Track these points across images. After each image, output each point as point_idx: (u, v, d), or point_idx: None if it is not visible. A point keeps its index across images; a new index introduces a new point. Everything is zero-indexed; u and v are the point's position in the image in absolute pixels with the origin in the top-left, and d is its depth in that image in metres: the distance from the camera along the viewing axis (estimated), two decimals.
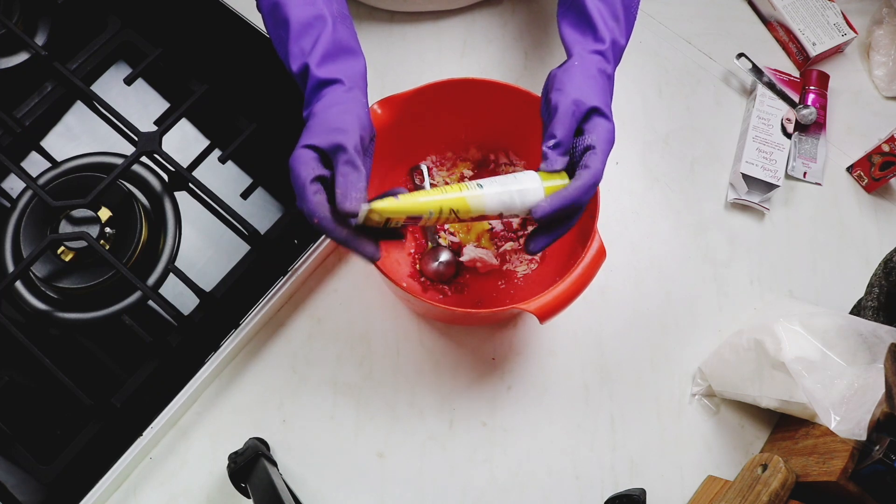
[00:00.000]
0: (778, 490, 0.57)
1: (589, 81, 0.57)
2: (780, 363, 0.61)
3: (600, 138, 0.55)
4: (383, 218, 0.51)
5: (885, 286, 0.65)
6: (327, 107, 0.54)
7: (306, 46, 0.56)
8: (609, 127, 0.56)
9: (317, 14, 0.56)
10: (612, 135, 0.56)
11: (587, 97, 0.56)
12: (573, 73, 0.57)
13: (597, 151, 0.54)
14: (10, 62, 0.75)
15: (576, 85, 0.56)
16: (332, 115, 0.53)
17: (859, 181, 0.80)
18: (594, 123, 0.55)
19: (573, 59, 0.59)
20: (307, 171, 0.52)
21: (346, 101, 0.54)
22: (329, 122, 0.53)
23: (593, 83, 0.57)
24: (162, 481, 0.65)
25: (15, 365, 0.66)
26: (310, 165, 0.52)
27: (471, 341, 0.71)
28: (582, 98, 0.55)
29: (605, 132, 0.55)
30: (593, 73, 0.57)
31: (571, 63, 0.58)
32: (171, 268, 0.67)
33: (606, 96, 0.57)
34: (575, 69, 0.57)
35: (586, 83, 0.56)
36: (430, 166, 0.73)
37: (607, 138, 0.55)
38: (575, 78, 0.57)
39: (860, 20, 0.86)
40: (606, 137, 0.55)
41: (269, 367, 0.69)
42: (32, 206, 0.69)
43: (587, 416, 0.69)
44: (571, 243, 0.67)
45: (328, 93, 0.55)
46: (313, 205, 0.51)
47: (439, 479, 0.66)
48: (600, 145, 0.55)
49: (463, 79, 0.66)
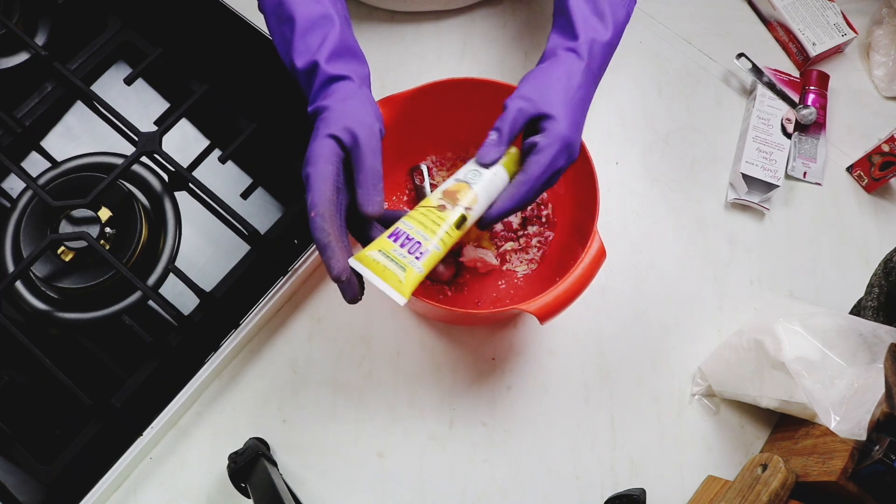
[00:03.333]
0: (778, 490, 0.57)
1: (549, 80, 0.56)
2: (780, 363, 0.61)
3: (547, 139, 0.55)
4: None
5: (885, 286, 0.65)
6: (343, 99, 0.53)
7: (313, 44, 0.55)
8: (559, 127, 0.55)
9: (324, 13, 0.56)
10: (561, 135, 0.55)
11: (542, 97, 0.55)
12: (535, 73, 0.57)
13: (538, 153, 0.54)
14: (10, 62, 0.75)
15: (532, 83, 0.56)
16: (349, 107, 0.53)
17: (859, 181, 0.80)
18: (547, 122, 0.55)
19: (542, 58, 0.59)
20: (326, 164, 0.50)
21: (359, 97, 0.54)
22: (347, 114, 0.52)
23: (554, 82, 0.56)
24: (162, 481, 0.65)
25: (15, 365, 0.66)
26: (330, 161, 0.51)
27: (471, 341, 0.71)
28: (533, 96, 0.55)
29: (552, 132, 0.55)
30: (557, 73, 0.57)
31: (540, 64, 0.58)
32: (171, 268, 0.67)
33: (567, 95, 0.56)
34: (541, 69, 0.58)
35: (546, 82, 0.56)
36: (430, 166, 0.73)
37: (554, 138, 0.55)
38: (534, 77, 0.57)
39: (860, 20, 0.86)
40: (554, 137, 0.55)
41: (269, 367, 0.69)
42: (32, 206, 0.69)
43: (587, 416, 0.69)
44: (571, 243, 0.67)
45: (340, 87, 0.54)
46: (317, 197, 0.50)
47: (439, 479, 0.66)
48: (545, 145, 0.54)
49: (463, 79, 0.66)
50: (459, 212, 0.53)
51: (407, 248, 0.51)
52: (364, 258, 0.50)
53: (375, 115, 0.53)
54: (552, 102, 0.55)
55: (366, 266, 0.50)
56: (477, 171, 0.55)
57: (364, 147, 0.51)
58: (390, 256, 0.50)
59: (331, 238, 0.50)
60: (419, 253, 0.51)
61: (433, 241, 0.51)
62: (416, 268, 0.50)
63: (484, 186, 0.54)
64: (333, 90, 0.54)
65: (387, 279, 0.49)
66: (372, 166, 0.51)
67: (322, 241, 0.50)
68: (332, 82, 0.54)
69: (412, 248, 0.51)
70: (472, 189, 0.54)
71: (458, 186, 0.54)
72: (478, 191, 0.54)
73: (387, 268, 0.50)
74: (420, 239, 0.51)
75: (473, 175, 0.55)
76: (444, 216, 0.52)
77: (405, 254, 0.51)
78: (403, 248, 0.51)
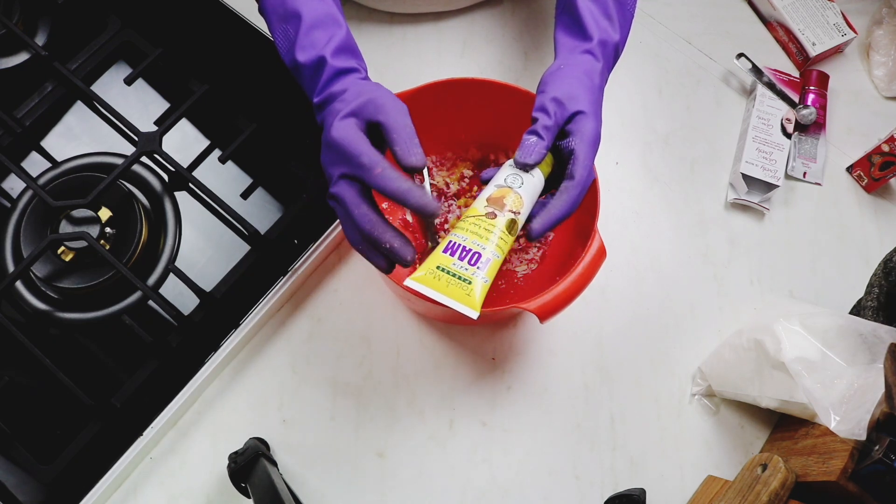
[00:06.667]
0: (778, 490, 0.57)
1: (573, 82, 0.56)
2: (780, 363, 0.61)
3: (584, 140, 0.54)
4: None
5: (885, 286, 0.65)
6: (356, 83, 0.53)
7: (320, 40, 0.55)
8: (593, 126, 0.55)
9: (330, 12, 0.57)
10: (596, 134, 0.55)
11: (570, 98, 0.55)
12: (557, 75, 0.57)
13: (579, 157, 0.54)
14: (10, 62, 0.75)
15: (558, 85, 0.56)
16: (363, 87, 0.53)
17: (859, 181, 0.80)
18: (578, 124, 0.55)
19: (559, 60, 0.59)
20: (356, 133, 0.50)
21: (371, 82, 0.55)
22: (363, 92, 0.52)
23: (577, 83, 0.57)
24: (162, 481, 0.65)
25: (15, 365, 0.66)
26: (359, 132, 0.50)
27: (471, 341, 0.71)
28: (563, 98, 0.55)
29: (588, 133, 0.55)
30: (578, 74, 0.57)
31: (557, 65, 0.58)
32: (171, 268, 0.67)
33: (592, 95, 0.57)
34: (560, 71, 0.58)
35: (570, 84, 0.56)
36: (431, 166, 0.73)
37: (591, 139, 0.55)
38: (559, 79, 0.57)
39: (860, 20, 0.86)
40: (590, 139, 0.55)
41: (269, 367, 0.69)
42: (32, 206, 0.69)
43: (587, 416, 0.69)
44: (571, 243, 0.67)
45: (350, 77, 0.54)
46: (374, 155, 0.49)
47: (439, 479, 0.66)
48: (583, 149, 0.54)
49: (463, 78, 0.66)
50: (509, 217, 0.52)
51: (466, 259, 0.50)
52: (425, 279, 0.50)
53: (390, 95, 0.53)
54: (582, 102, 0.56)
55: (428, 286, 0.49)
56: (516, 175, 0.54)
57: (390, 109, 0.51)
58: (451, 271, 0.50)
59: (408, 183, 0.49)
60: (480, 263, 0.50)
61: (490, 248, 0.51)
62: (480, 278, 0.50)
63: (527, 189, 0.54)
64: (343, 80, 0.54)
65: (453, 295, 0.49)
66: (404, 123, 0.50)
67: (402, 187, 0.49)
68: (341, 74, 0.55)
69: (472, 260, 0.50)
70: (515, 192, 0.54)
71: (502, 192, 0.54)
72: (522, 193, 0.54)
73: (450, 283, 0.49)
74: (477, 249, 0.51)
75: (513, 179, 0.54)
76: (495, 223, 0.52)
77: (466, 266, 0.50)
78: (462, 260, 0.50)
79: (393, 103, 0.51)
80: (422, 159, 0.50)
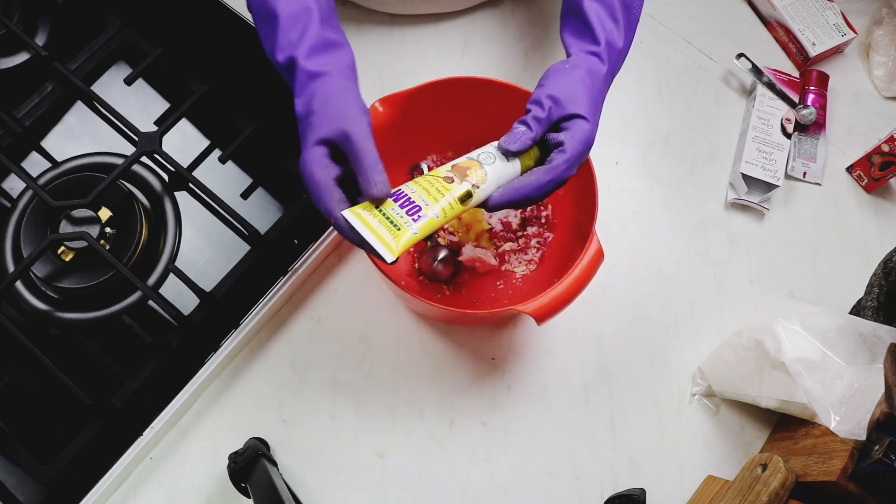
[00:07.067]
0: (778, 490, 0.57)
1: (575, 82, 0.56)
2: (780, 363, 0.61)
3: (574, 138, 0.54)
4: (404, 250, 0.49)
5: (885, 286, 0.65)
6: (325, 98, 0.53)
7: (293, 38, 0.55)
8: (586, 128, 0.55)
9: (304, 6, 0.56)
10: (590, 137, 0.55)
11: (569, 98, 0.55)
12: (560, 72, 0.57)
13: (565, 150, 0.54)
14: (10, 62, 0.75)
15: (559, 83, 0.56)
16: (332, 105, 0.53)
17: (859, 181, 0.80)
18: (572, 123, 0.55)
19: (567, 59, 0.59)
20: (322, 171, 0.51)
21: (341, 91, 0.54)
22: (331, 113, 0.52)
23: (579, 84, 0.56)
24: (162, 481, 0.65)
25: (15, 365, 0.66)
26: (322, 164, 0.51)
27: (471, 341, 0.71)
28: (561, 96, 0.55)
29: (579, 133, 0.55)
30: (581, 75, 0.57)
31: (563, 63, 0.58)
32: (171, 268, 0.67)
33: (592, 97, 0.57)
34: (564, 69, 0.57)
35: (572, 83, 0.56)
36: (431, 165, 0.73)
37: (581, 139, 0.55)
38: (561, 77, 0.57)
39: (860, 20, 0.86)
40: (581, 139, 0.54)
41: (269, 367, 0.69)
42: (33, 206, 0.69)
43: (587, 416, 0.69)
44: (571, 244, 0.67)
45: (321, 84, 0.54)
46: (332, 203, 0.50)
47: (439, 479, 0.66)
48: (572, 144, 0.54)
49: (464, 77, 0.66)
50: (466, 187, 0.52)
51: (406, 209, 0.50)
52: (359, 214, 0.49)
53: (360, 108, 0.53)
54: (581, 103, 0.55)
55: (359, 220, 0.49)
56: (491, 155, 0.54)
57: (354, 137, 0.51)
58: (387, 214, 0.50)
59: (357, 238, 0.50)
60: (417, 216, 0.50)
61: (434, 207, 0.50)
62: (411, 229, 0.49)
63: (496, 170, 0.54)
64: (314, 89, 0.54)
65: (377, 234, 0.48)
66: (366, 150, 0.51)
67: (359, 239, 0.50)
68: (313, 79, 0.54)
69: (411, 210, 0.50)
70: (483, 168, 0.53)
71: (470, 164, 0.54)
72: (488, 171, 0.53)
73: (381, 224, 0.49)
74: (421, 203, 0.50)
75: (487, 157, 0.54)
76: (450, 188, 0.52)
77: (403, 214, 0.50)
78: (402, 208, 0.50)
79: (357, 127, 0.51)
80: (383, 189, 0.50)
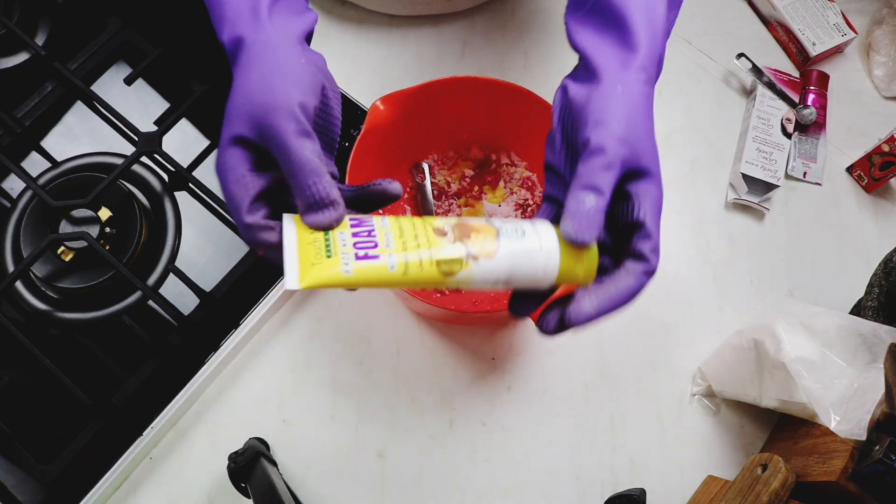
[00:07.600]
0: (778, 490, 0.57)
1: (638, 119, 0.40)
2: (780, 363, 0.61)
3: (652, 209, 0.40)
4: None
5: (885, 286, 0.65)
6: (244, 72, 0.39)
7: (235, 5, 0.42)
8: (661, 193, 0.41)
9: None
10: (662, 202, 0.41)
11: (635, 146, 0.40)
12: (616, 101, 0.40)
13: (650, 234, 0.40)
14: (10, 62, 0.75)
15: (623, 120, 0.40)
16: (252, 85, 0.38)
17: (859, 181, 0.80)
18: (644, 187, 0.40)
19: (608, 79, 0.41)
20: (239, 186, 0.37)
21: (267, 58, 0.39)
22: (249, 97, 0.38)
23: (640, 124, 0.40)
24: (162, 481, 0.65)
25: (15, 365, 0.66)
26: (237, 174, 0.38)
27: (471, 341, 0.71)
28: (631, 142, 0.40)
29: (656, 200, 0.40)
30: (639, 102, 0.41)
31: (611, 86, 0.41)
32: (171, 268, 0.67)
33: (653, 143, 0.42)
34: (618, 96, 0.41)
35: (633, 122, 0.40)
36: (432, 164, 0.73)
37: (658, 208, 0.41)
38: (620, 109, 0.40)
39: (860, 20, 0.86)
40: (658, 208, 0.41)
41: (269, 367, 0.69)
42: (32, 206, 0.69)
43: (587, 416, 0.69)
44: None
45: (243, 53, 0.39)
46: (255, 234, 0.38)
47: (439, 479, 0.66)
48: (652, 221, 0.40)
49: (466, 77, 0.66)
50: (459, 252, 0.38)
51: (358, 240, 0.37)
52: (301, 223, 0.38)
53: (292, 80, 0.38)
54: (647, 153, 0.40)
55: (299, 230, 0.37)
56: (521, 231, 0.39)
57: (279, 136, 0.37)
58: (330, 237, 0.37)
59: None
60: (365, 254, 0.37)
61: (395, 255, 0.37)
62: (343, 266, 0.36)
63: (516, 249, 0.39)
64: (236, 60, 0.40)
65: (302, 254, 0.36)
66: (298, 157, 0.36)
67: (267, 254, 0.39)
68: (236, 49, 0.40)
69: (363, 244, 0.37)
70: (497, 241, 0.39)
71: (481, 227, 0.39)
72: (503, 246, 0.39)
73: (314, 243, 0.37)
74: (381, 242, 0.37)
75: (514, 231, 0.39)
76: (436, 242, 0.38)
77: (349, 244, 0.37)
78: (355, 237, 0.37)
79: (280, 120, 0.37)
80: (329, 217, 0.37)
